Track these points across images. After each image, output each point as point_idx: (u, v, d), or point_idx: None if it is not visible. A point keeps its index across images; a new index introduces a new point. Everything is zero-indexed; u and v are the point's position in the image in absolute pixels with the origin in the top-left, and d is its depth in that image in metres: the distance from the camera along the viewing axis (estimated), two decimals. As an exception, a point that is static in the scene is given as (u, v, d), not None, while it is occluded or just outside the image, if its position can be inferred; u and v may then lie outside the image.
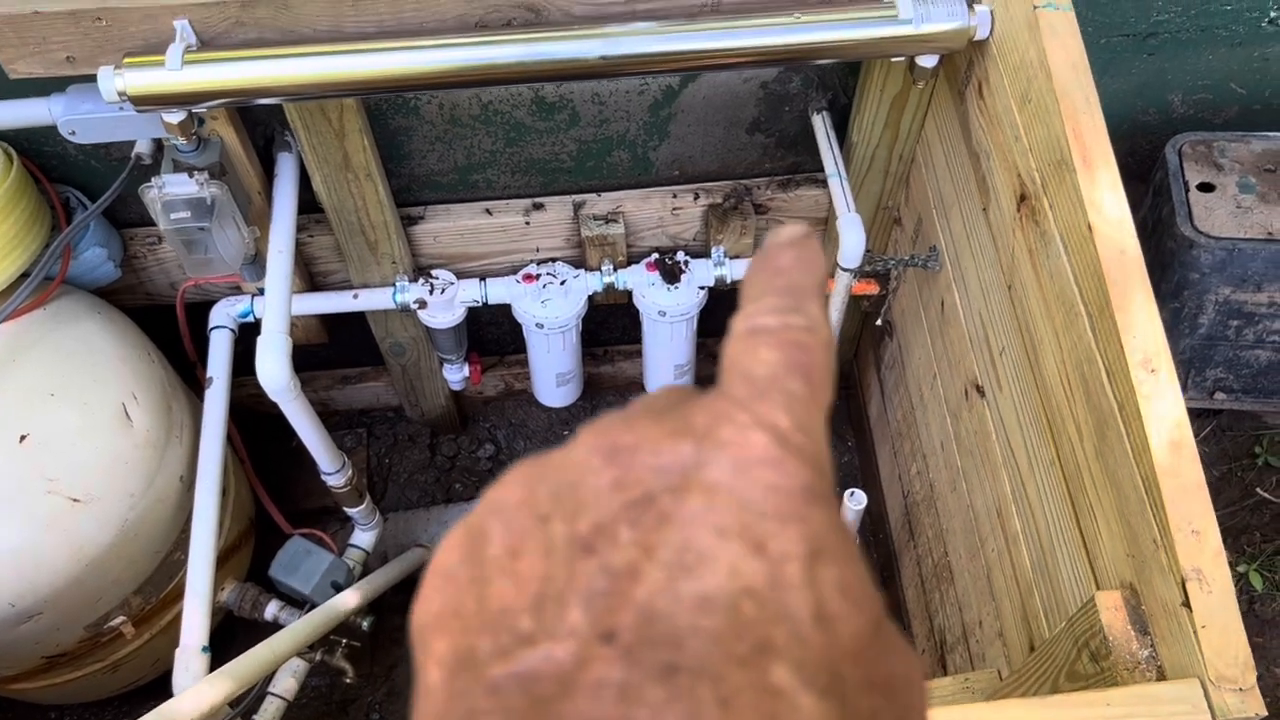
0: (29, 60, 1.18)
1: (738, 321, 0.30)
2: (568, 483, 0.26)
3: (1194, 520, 0.88)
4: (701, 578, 0.23)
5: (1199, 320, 1.57)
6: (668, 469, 0.25)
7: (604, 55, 1.16)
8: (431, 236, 1.66)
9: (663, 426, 0.26)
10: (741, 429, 0.26)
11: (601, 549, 0.24)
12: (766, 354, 0.28)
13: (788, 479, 0.25)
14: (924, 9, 1.18)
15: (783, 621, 0.23)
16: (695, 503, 0.24)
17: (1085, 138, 1.04)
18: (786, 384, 0.27)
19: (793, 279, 0.30)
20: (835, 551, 0.25)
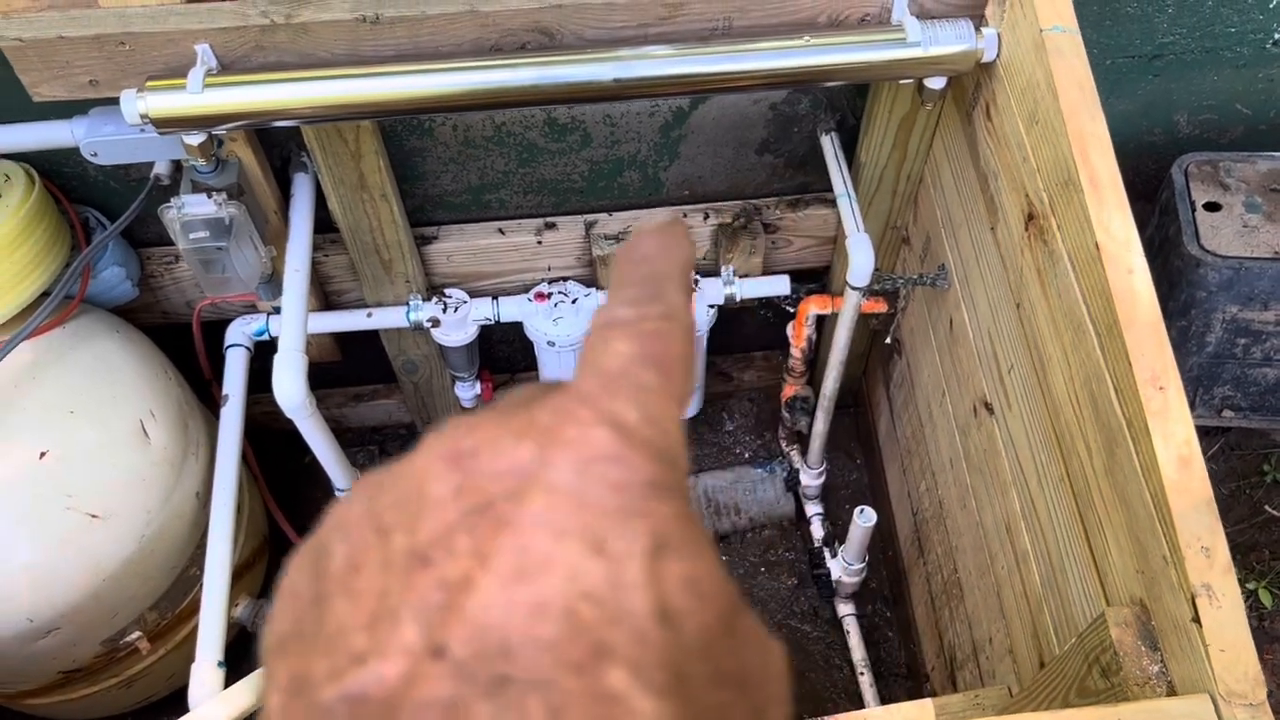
0: (52, 84, 1.20)
1: (596, 315, 0.30)
2: (409, 493, 0.25)
3: (1203, 537, 0.89)
4: (537, 583, 0.23)
5: (1206, 338, 1.58)
6: (508, 472, 0.25)
7: (617, 78, 1.18)
8: (445, 256, 1.68)
9: (506, 428, 0.26)
10: (584, 426, 0.25)
11: (438, 560, 0.23)
12: (619, 346, 0.28)
13: (631, 474, 0.24)
14: (932, 32, 1.20)
15: (622, 622, 0.22)
16: (534, 506, 0.24)
17: (1092, 158, 1.05)
18: (638, 376, 0.27)
19: (654, 267, 0.30)
20: (681, 546, 0.24)
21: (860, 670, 1.90)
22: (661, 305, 0.29)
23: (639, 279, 0.30)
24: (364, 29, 1.17)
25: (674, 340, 0.28)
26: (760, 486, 2.10)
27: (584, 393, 0.26)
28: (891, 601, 2.03)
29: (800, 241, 1.77)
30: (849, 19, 1.23)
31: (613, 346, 0.28)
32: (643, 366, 0.27)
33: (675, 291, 0.30)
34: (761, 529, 2.09)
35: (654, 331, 0.28)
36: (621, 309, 0.29)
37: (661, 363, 0.28)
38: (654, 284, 0.30)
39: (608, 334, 0.28)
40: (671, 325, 0.29)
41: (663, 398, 0.27)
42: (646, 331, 0.28)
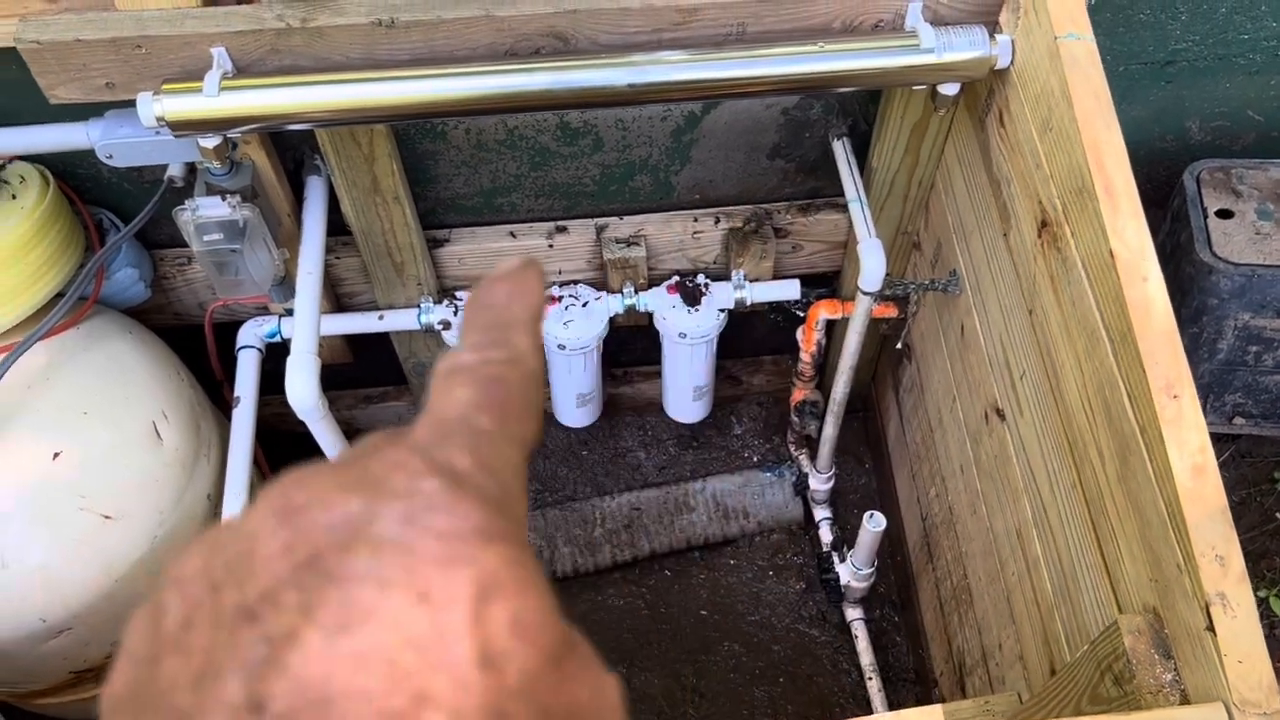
0: (69, 86, 1.20)
1: (439, 361, 0.30)
2: (241, 550, 0.25)
3: (1218, 545, 0.89)
4: (360, 634, 0.23)
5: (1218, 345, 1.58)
6: (337, 525, 0.25)
7: (632, 83, 1.18)
8: (456, 259, 1.68)
9: (337, 480, 0.26)
10: (413, 476, 0.26)
11: (265, 615, 0.24)
12: (459, 393, 0.28)
13: (458, 522, 0.25)
14: (946, 38, 1.20)
15: (443, 669, 0.23)
16: (360, 559, 0.24)
17: (1107, 166, 1.05)
18: (475, 422, 0.28)
19: (501, 313, 0.31)
20: (509, 589, 0.25)
21: (868, 675, 1.90)
22: (505, 350, 0.30)
23: (485, 324, 0.31)
24: (379, 33, 1.18)
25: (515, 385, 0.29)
26: (769, 490, 2.10)
27: (417, 442, 0.27)
28: (900, 606, 2.03)
29: (811, 246, 1.77)
30: (863, 25, 1.23)
31: (453, 393, 0.28)
32: (481, 412, 0.28)
33: (521, 336, 0.30)
34: (770, 533, 2.09)
35: (494, 376, 0.29)
36: (465, 355, 0.30)
37: (501, 407, 0.28)
38: (500, 329, 0.30)
39: (449, 380, 0.29)
40: (513, 370, 0.29)
41: (499, 442, 0.28)
42: (487, 376, 0.29)
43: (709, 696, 1.93)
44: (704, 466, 2.18)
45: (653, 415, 2.19)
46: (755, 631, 2.00)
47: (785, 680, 1.95)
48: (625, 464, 2.18)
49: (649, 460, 2.19)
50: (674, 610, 2.03)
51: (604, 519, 2.07)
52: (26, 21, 1.16)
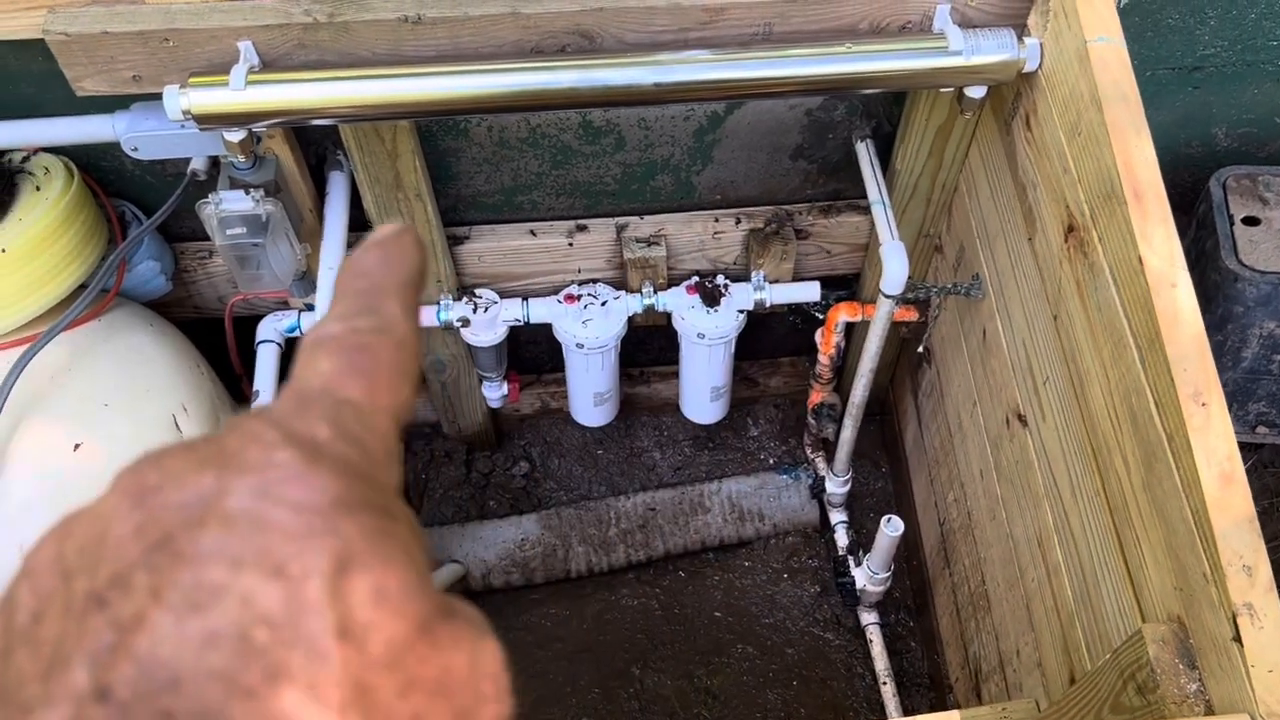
0: (96, 79, 1.21)
1: (307, 333, 0.29)
2: (93, 534, 0.25)
3: (1245, 555, 0.88)
4: (209, 614, 0.22)
5: (1242, 354, 1.57)
6: (189, 504, 0.24)
7: (657, 83, 1.18)
8: (476, 256, 1.68)
9: (190, 458, 0.25)
10: (267, 449, 0.25)
11: (114, 600, 0.23)
12: (323, 363, 0.28)
13: (315, 494, 0.24)
14: (974, 41, 1.20)
15: (299, 644, 0.22)
16: (211, 536, 0.23)
17: (1136, 171, 1.04)
18: (339, 391, 0.27)
19: (373, 280, 0.30)
20: (370, 559, 0.24)
21: (883, 680, 1.89)
22: (374, 318, 0.29)
23: (355, 292, 0.30)
24: (405, 29, 1.18)
25: (384, 352, 0.28)
26: (785, 493, 2.09)
27: (275, 414, 0.26)
28: (915, 611, 2.02)
29: (832, 248, 1.77)
30: (890, 26, 1.23)
31: (315, 364, 0.28)
32: (346, 381, 0.27)
33: (393, 304, 0.30)
34: (785, 535, 2.08)
35: (361, 345, 0.28)
36: (331, 325, 0.29)
37: (367, 376, 0.28)
38: (370, 297, 0.30)
39: (314, 351, 0.28)
40: (381, 338, 0.29)
41: (365, 411, 0.27)
42: (353, 345, 0.28)
43: (722, 698, 1.92)
44: (720, 468, 2.17)
45: (669, 415, 2.18)
46: (769, 634, 1.99)
47: (799, 683, 1.94)
48: (641, 464, 2.18)
49: (664, 460, 2.18)
50: (688, 611, 2.02)
51: (619, 519, 2.06)
52: (55, 13, 1.17)
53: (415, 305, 0.31)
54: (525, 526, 2.05)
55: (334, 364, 0.28)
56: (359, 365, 0.28)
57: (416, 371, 0.30)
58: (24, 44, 1.27)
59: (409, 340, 0.30)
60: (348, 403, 0.27)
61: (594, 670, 1.95)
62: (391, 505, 0.26)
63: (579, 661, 1.96)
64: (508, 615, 2.02)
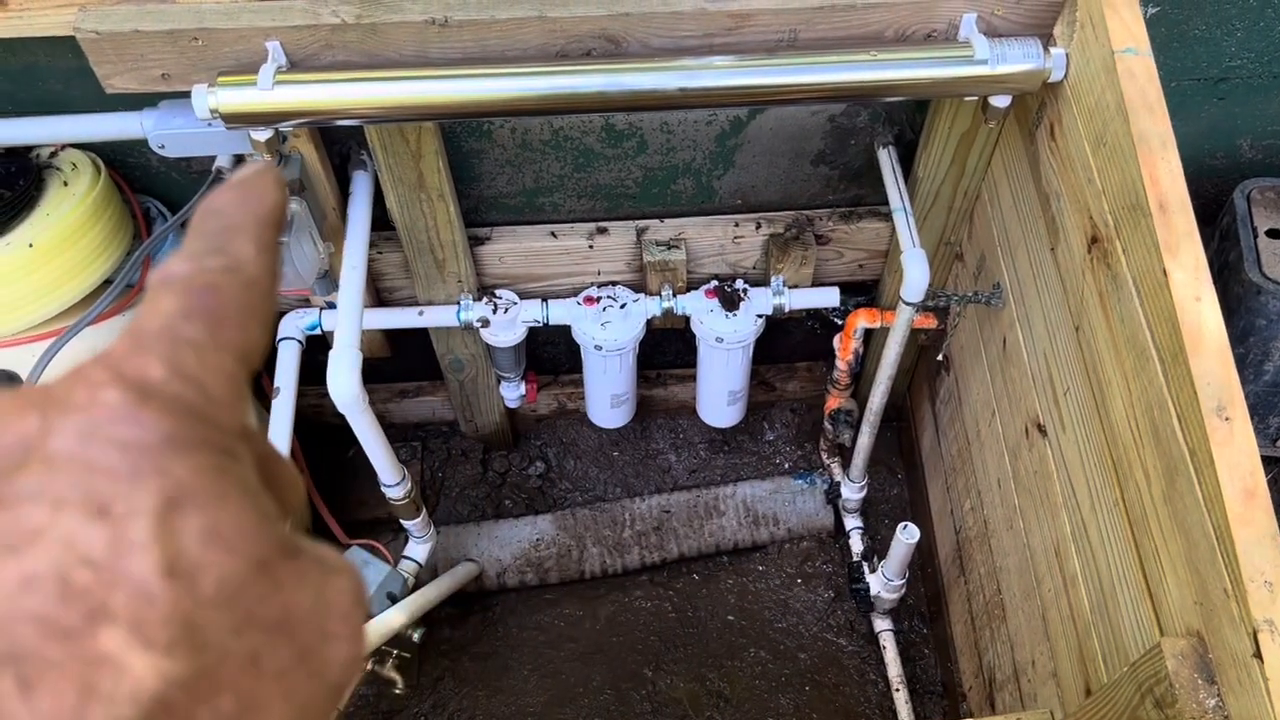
0: (125, 76, 1.22)
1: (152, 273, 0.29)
2: None
3: (1267, 571, 0.88)
4: (28, 556, 0.22)
5: (1264, 367, 1.56)
6: (11, 446, 0.24)
7: (682, 87, 1.18)
8: (497, 257, 1.69)
9: (17, 401, 0.25)
10: (94, 388, 0.25)
11: None
12: (164, 303, 0.27)
13: (144, 433, 0.24)
14: (1000, 50, 1.19)
15: (122, 584, 0.22)
16: (32, 478, 0.23)
17: (1162, 183, 1.04)
18: (179, 331, 0.26)
19: (226, 219, 0.29)
20: (202, 498, 0.24)
21: (895, 686, 1.89)
22: (223, 258, 0.28)
23: (205, 232, 0.29)
24: (432, 31, 1.18)
25: (231, 291, 0.28)
26: (800, 498, 2.09)
27: (108, 355, 0.26)
28: (929, 619, 2.02)
29: (851, 254, 1.77)
30: (915, 34, 1.23)
31: (157, 304, 0.27)
32: (187, 321, 0.27)
33: (245, 243, 0.29)
34: (800, 540, 2.08)
35: (207, 284, 0.28)
36: (178, 264, 0.28)
37: (212, 315, 0.27)
38: (221, 236, 0.29)
39: (157, 291, 0.28)
40: (229, 277, 0.28)
41: (208, 350, 0.26)
42: (198, 285, 0.27)
43: (734, 702, 1.93)
44: (735, 471, 2.17)
45: (685, 418, 2.19)
46: (782, 639, 1.99)
47: (811, 689, 1.94)
48: (656, 466, 2.18)
49: (680, 463, 2.18)
50: (701, 614, 2.03)
51: (633, 520, 2.07)
52: (86, 11, 1.18)
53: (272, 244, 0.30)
54: (540, 527, 2.06)
55: (176, 303, 0.27)
56: (203, 305, 0.27)
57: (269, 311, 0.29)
58: (54, 41, 1.28)
59: (260, 280, 0.29)
60: (188, 342, 0.26)
61: (607, 671, 1.95)
62: (233, 446, 0.26)
63: (592, 662, 1.96)
64: (521, 614, 2.03)
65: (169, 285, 0.28)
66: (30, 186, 1.37)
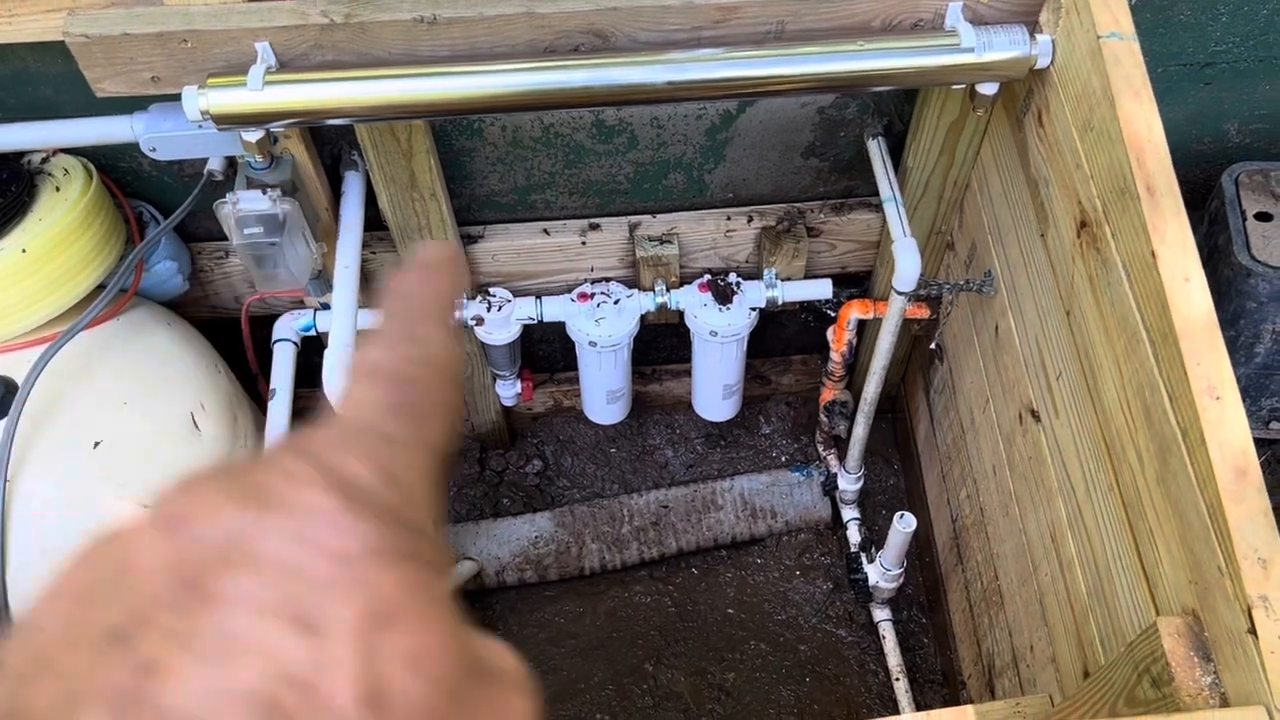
0: (115, 80, 1.22)
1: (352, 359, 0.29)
2: (121, 564, 0.23)
3: (1260, 548, 0.88)
4: (235, 667, 0.21)
5: (1255, 349, 1.57)
6: (220, 541, 0.23)
7: (670, 81, 1.19)
8: (490, 255, 1.69)
9: (226, 491, 0.24)
10: (303, 488, 0.24)
11: (135, 640, 0.22)
12: (365, 394, 0.26)
13: (351, 541, 0.23)
14: (986, 38, 1.20)
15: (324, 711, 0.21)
16: (240, 580, 0.22)
17: (1149, 166, 1.05)
18: (384, 427, 0.25)
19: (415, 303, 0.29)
20: (406, 617, 0.23)
21: (895, 676, 1.89)
22: (420, 348, 0.28)
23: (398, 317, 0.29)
24: (421, 29, 1.19)
25: (430, 386, 0.27)
26: (797, 490, 2.10)
27: (314, 449, 0.25)
28: (927, 608, 2.02)
29: (843, 245, 1.77)
30: (902, 24, 1.23)
31: (360, 394, 0.26)
32: (388, 416, 0.26)
33: (437, 330, 0.28)
34: (797, 533, 2.09)
35: (405, 376, 0.27)
36: (375, 352, 0.27)
37: (415, 411, 0.26)
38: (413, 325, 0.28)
39: (359, 381, 0.27)
40: (425, 369, 0.27)
41: (410, 450, 0.26)
42: (399, 376, 0.27)
43: (735, 695, 1.93)
44: (732, 465, 2.18)
45: (681, 413, 2.19)
46: (782, 631, 2.00)
47: (811, 680, 1.94)
48: (653, 462, 2.19)
49: (677, 458, 2.19)
50: (701, 608, 2.03)
51: (632, 516, 2.07)
52: (75, 16, 1.18)
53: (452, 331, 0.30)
54: (539, 524, 2.06)
55: (378, 396, 0.26)
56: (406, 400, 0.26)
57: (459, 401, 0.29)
58: (44, 46, 1.29)
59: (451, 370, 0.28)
60: (390, 439, 0.26)
61: (607, 666, 1.96)
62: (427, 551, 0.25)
63: (592, 658, 1.97)
64: (521, 612, 2.03)
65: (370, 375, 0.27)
66: (22, 192, 1.37)
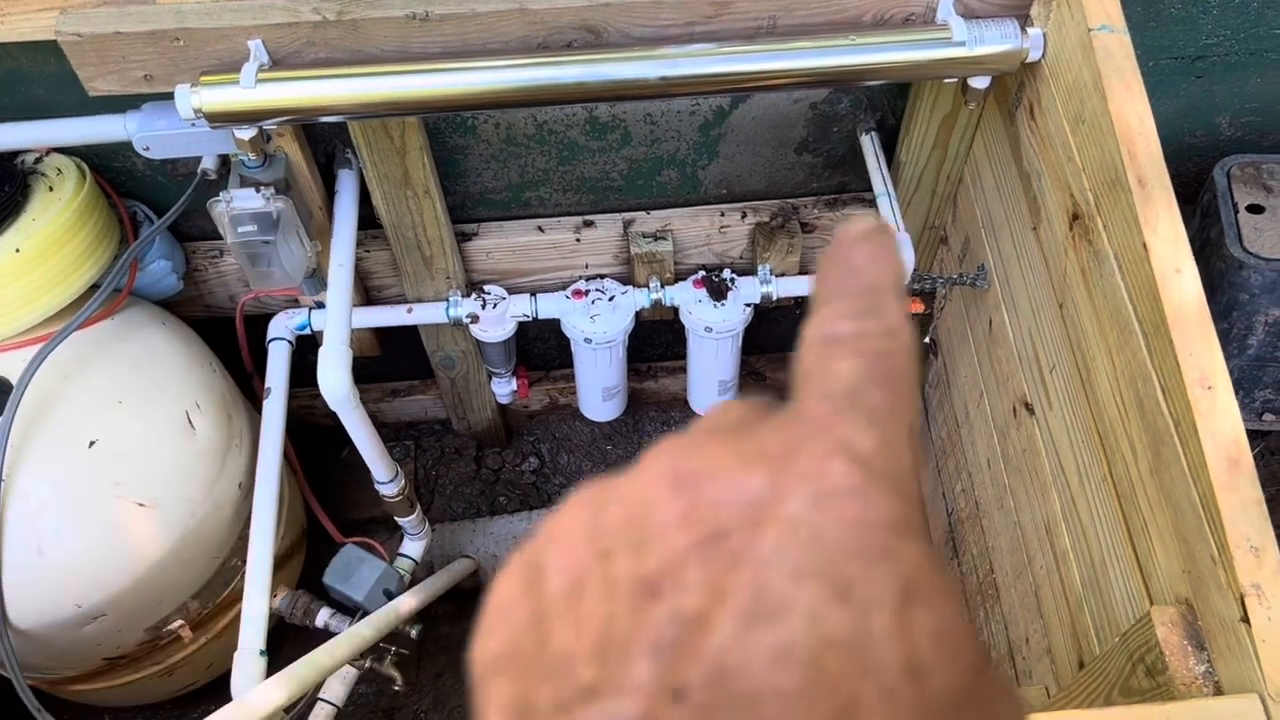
0: (108, 79, 1.22)
1: (810, 328, 0.27)
2: (632, 514, 0.24)
3: (1253, 537, 0.89)
4: (778, 628, 0.21)
5: (1248, 341, 1.58)
6: (739, 502, 0.23)
7: (663, 76, 1.19)
8: (485, 252, 1.69)
9: (734, 452, 0.24)
10: (819, 456, 0.23)
11: (669, 592, 0.22)
12: (843, 365, 0.26)
13: (874, 512, 0.22)
14: (977, 31, 1.20)
15: (871, 677, 0.21)
16: (771, 541, 0.22)
17: (1140, 158, 1.05)
18: (867, 399, 0.25)
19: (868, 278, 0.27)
20: (929, 593, 0.22)
21: (892, 670, 1.90)
22: (882, 320, 0.27)
23: (854, 290, 0.27)
24: (413, 26, 1.19)
25: (899, 359, 0.26)
26: (793, 486, 2.10)
27: (813, 418, 0.25)
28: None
29: (843, 236, 1.77)
30: (894, 18, 1.23)
31: (836, 366, 0.26)
32: (870, 388, 0.25)
33: (894, 306, 0.27)
34: (793, 528, 2.09)
35: (878, 350, 0.26)
36: (840, 323, 0.26)
37: (890, 383, 0.25)
38: (872, 297, 0.27)
39: (829, 351, 0.26)
40: (895, 343, 0.26)
41: (894, 422, 0.25)
42: (870, 349, 0.26)
43: (732, 690, 1.93)
44: (728, 462, 2.18)
45: (677, 410, 2.19)
46: (779, 626, 2.00)
47: (809, 675, 1.95)
48: (649, 459, 2.19)
49: (673, 455, 2.19)
50: (697, 604, 2.03)
51: (628, 513, 2.07)
52: (67, 14, 1.18)
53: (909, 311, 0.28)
54: (536, 522, 2.06)
55: (854, 368, 0.25)
56: (879, 372, 0.25)
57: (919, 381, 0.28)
58: (36, 45, 1.29)
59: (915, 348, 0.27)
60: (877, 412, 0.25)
61: (605, 664, 1.96)
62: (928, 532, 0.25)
63: (590, 655, 1.97)
64: (518, 610, 2.03)
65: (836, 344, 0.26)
66: (16, 192, 1.37)
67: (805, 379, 0.26)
